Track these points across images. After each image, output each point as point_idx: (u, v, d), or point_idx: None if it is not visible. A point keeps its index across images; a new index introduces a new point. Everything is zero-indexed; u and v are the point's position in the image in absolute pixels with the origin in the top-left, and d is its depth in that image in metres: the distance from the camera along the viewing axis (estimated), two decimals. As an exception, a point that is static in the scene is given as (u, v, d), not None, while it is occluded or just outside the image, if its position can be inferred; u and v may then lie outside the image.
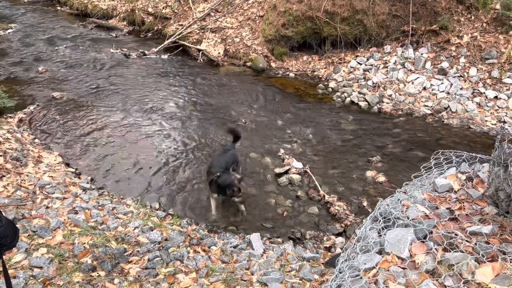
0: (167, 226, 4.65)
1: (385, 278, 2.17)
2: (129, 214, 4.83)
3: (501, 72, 8.54)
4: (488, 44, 8.99)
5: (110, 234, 4.17)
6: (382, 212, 2.76)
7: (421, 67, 9.26)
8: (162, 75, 10.53)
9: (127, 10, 15.60)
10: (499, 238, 2.37)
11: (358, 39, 10.50)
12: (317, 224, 5.24)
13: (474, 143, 7.10)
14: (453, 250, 2.27)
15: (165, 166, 6.40)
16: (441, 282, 2.09)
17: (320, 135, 7.50)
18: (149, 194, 5.73)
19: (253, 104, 8.85)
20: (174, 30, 13.07)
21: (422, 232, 2.46)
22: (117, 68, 10.87)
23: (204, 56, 11.70)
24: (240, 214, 5.37)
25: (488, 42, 9.03)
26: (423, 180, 3.24)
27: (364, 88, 9.15)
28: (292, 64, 11.19)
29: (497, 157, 2.61)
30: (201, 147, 7.01)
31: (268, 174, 6.30)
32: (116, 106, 8.52)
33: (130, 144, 7.02)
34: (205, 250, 4.23)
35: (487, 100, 8.23)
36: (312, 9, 10.54)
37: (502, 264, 2.12)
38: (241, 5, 12.94)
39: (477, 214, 2.65)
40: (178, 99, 9.06)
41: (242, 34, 11.99)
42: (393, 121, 8.07)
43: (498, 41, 8.97)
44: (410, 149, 7.00)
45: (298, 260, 4.16)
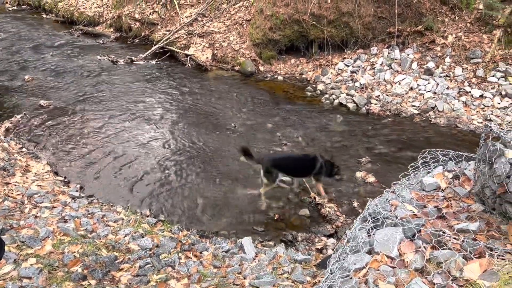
0: (158, 233, 4.63)
1: (375, 278, 2.19)
2: (120, 222, 4.80)
3: (485, 71, 8.67)
4: (473, 43, 9.13)
5: (100, 242, 4.14)
6: (371, 212, 2.79)
7: (407, 67, 9.36)
8: (150, 81, 10.49)
9: (113, 16, 15.53)
10: (486, 235, 2.41)
11: (345, 41, 10.58)
12: (308, 226, 5.25)
13: (461, 142, 7.19)
14: (441, 248, 2.30)
15: (155, 172, 6.37)
16: (430, 280, 2.12)
17: (309, 137, 7.53)
18: (139, 200, 5.69)
19: (242, 108, 8.87)
20: (161, 35, 13.05)
21: (411, 231, 2.48)
22: (104, 75, 10.81)
23: (192, 61, 11.69)
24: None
25: (472, 42, 9.16)
26: (411, 179, 3.28)
27: (352, 90, 9.22)
28: (280, 67, 11.23)
29: (482, 154, 2.65)
30: (191, 153, 6.99)
31: (259, 178, 6.29)
32: (104, 113, 8.46)
33: (119, 151, 6.98)
34: (196, 255, 4.22)
35: (473, 99, 8.34)
36: (299, 12, 10.61)
37: (489, 260, 2.15)
38: (228, 9, 12.98)
39: (464, 212, 2.69)
40: (166, 105, 9.04)
41: (229, 38, 12.01)
42: (381, 121, 8.15)
43: (482, 40, 9.11)
44: (399, 149, 7.07)
45: (290, 262, 4.17)
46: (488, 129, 2.66)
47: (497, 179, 2.39)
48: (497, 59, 8.78)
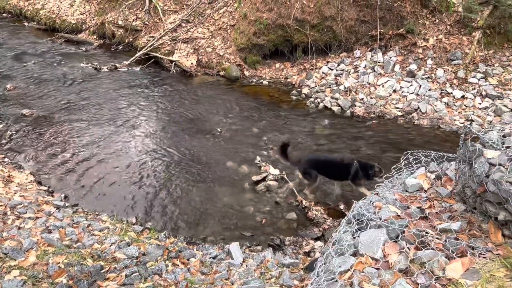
0: (144, 241, 4.59)
1: (360, 280, 2.21)
2: (105, 230, 4.74)
3: (466, 72, 8.84)
4: (453, 45, 9.30)
5: (86, 251, 4.09)
6: (355, 215, 2.81)
7: (390, 70, 9.48)
8: (135, 87, 10.43)
9: (96, 23, 15.41)
10: (467, 234, 2.45)
11: (329, 45, 10.69)
12: (295, 230, 5.27)
13: (444, 142, 7.30)
14: (425, 248, 2.33)
15: (141, 180, 6.33)
16: (414, 280, 2.15)
17: (295, 141, 7.56)
18: (125, 208, 5.64)
19: (228, 113, 8.87)
20: (145, 42, 12.99)
21: (394, 232, 2.51)
22: (88, 83, 10.71)
23: (177, 67, 11.66)
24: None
25: (453, 44, 9.34)
26: (394, 181, 3.32)
27: (336, 93, 9.30)
28: (266, 72, 11.28)
29: (462, 155, 2.70)
30: (176, 159, 6.96)
31: (246, 182, 6.31)
32: (88, 121, 8.38)
33: (104, 159, 6.92)
34: (184, 262, 4.19)
35: (455, 99, 8.49)
36: (282, 17, 10.67)
37: (471, 259, 2.19)
38: (212, 15, 12.99)
39: (447, 212, 2.73)
40: (151, 111, 8.99)
41: (214, 43, 12.02)
42: (365, 124, 8.23)
43: (462, 42, 9.29)
44: (383, 150, 7.14)
45: (278, 267, 4.17)
46: (467, 129, 2.72)
47: (477, 179, 2.43)
48: (477, 61, 8.96)
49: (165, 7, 14.03)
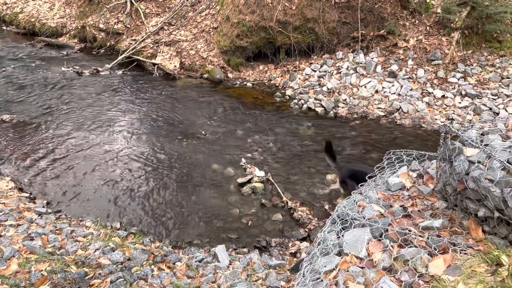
0: (129, 246, 4.54)
1: (345, 279, 2.23)
2: (89, 236, 4.68)
3: (446, 72, 9.01)
4: (433, 46, 9.47)
5: (69, 258, 4.03)
6: (339, 214, 2.84)
7: (372, 71, 9.60)
8: (118, 91, 10.33)
9: (77, 27, 15.20)
10: (449, 231, 2.50)
11: (311, 47, 10.75)
12: (281, 231, 5.28)
13: (426, 141, 7.42)
14: (408, 246, 2.37)
15: (124, 184, 6.26)
16: (397, 278, 2.18)
17: (280, 143, 7.59)
18: (109, 214, 5.58)
19: (212, 116, 8.85)
20: (127, 45, 12.87)
21: (378, 230, 2.55)
22: (69, 87, 10.56)
23: (160, 70, 11.59)
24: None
25: (433, 44, 9.51)
26: (377, 180, 3.36)
27: (319, 94, 9.37)
28: (249, 74, 11.29)
29: (442, 153, 2.75)
30: (160, 162, 6.91)
31: (231, 184, 6.30)
32: (70, 126, 8.26)
33: (87, 164, 6.82)
34: (170, 266, 4.16)
35: (436, 99, 8.64)
36: (265, 19, 10.71)
37: (453, 256, 2.24)
38: (194, 17, 12.96)
39: (429, 210, 2.78)
40: (134, 115, 8.91)
41: (197, 46, 11.99)
42: (349, 124, 8.31)
43: (442, 43, 9.47)
44: (367, 150, 7.22)
45: (264, 268, 4.18)
46: (447, 128, 2.77)
47: (457, 177, 2.48)
48: (456, 60, 9.14)
49: (147, 10, 13.93)
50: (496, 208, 2.19)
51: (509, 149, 2.29)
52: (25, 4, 17.41)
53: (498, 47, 9.19)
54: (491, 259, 2.12)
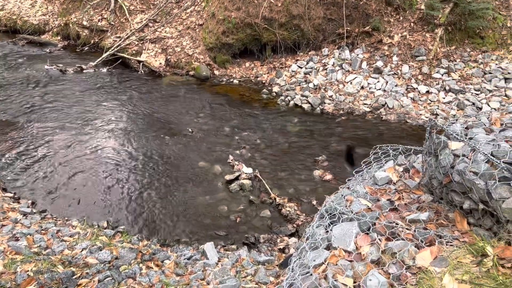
0: (116, 244, 4.50)
1: (334, 272, 2.25)
2: (76, 236, 4.62)
3: (430, 67, 9.13)
4: (417, 42, 9.58)
5: (56, 258, 3.97)
6: (328, 209, 2.86)
7: (357, 67, 9.67)
8: (102, 89, 10.20)
9: (60, 24, 14.97)
10: (435, 223, 2.54)
11: (297, 44, 10.78)
12: (270, 227, 5.30)
13: (411, 136, 7.51)
14: (395, 239, 2.39)
15: (111, 183, 6.20)
16: (386, 270, 2.20)
17: (267, 139, 7.60)
18: (96, 213, 5.52)
19: (199, 113, 8.81)
20: (111, 42, 12.73)
21: (366, 224, 2.57)
22: (53, 85, 10.40)
23: (145, 68, 11.49)
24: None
25: (417, 41, 9.61)
26: (364, 174, 3.39)
27: (306, 91, 9.40)
28: (236, 71, 11.27)
29: (428, 147, 2.79)
30: (147, 160, 6.86)
31: (219, 181, 6.29)
32: (54, 124, 8.13)
33: (72, 162, 6.74)
34: (158, 265, 4.14)
35: (420, 95, 8.75)
36: (251, 16, 10.69)
37: (439, 247, 2.27)
38: (179, 14, 12.86)
39: (415, 203, 2.81)
40: (120, 113, 8.82)
41: (182, 43, 11.91)
42: (335, 120, 8.36)
43: (425, 39, 9.58)
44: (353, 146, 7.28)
45: (253, 264, 4.19)
46: (432, 122, 2.81)
47: (442, 170, 2.52)
48: (440, 56, 9.26)
49: (131, 7, 13.79)
50: (480, 200, 2.23)
51: (492, 142, 2.33)
52: (6, 1, 17.07)
53: (481, 43, 9.34)
54: (476, 250, 2.15)
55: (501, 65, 8.78)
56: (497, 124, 2.64)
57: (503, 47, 9.21)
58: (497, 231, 2.19)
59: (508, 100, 8.05)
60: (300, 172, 6.52)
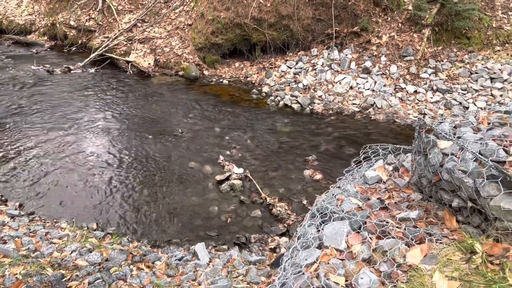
0: (106, 246, 4.46)
1: (326, 271, 2.26)
2: (65, 238, 4.57)
3: (418, 67, 9.23)
4: (405, 42, 9.68)
5: (45, 261, 3.93)
6: (319, 208, 2.88)
7: (346, 67, 9.73)
8: (91, 89, 10.11)
9: (47, 24, 14.79)
10: (425, 222, 2.57)
11: (287, 44, 10.82)
12: (261, 227, 5.30)
13: (400, 135, 7.59)
14: (386, 237, 2.42)
15: (100, 184, 6.15)
16: (377, 268, 2.22)
17: (257, 139, 7.61)
18: (85, 214, 5.46)
19: (188, 113, 8.78)
20: (100, 42, 12.62)
21: (357, 223, 2.59)
22: (40, 86, 10.27)
23: (134, 68, 11.41)
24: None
25: (405, 41, 9.71)
26: (355, 174, 3.42)
27: (295, 91, 9.43)
28: (225, 71, 11.26)
29: (417, 146, 2.83)
30: (137, 161, 6.82)
31: (209, 182, 6.28)
32: (42, 126, 8.04)
33: (60, 164, 6.66)
34: (149, 266, 4.12)
35: (408, 94, 8.84)
36: (240, 16, 10.69)
37: (429, 245, 2.30)
38: (168, 14, 12.81)
39: (405, 201, 2.85)
40: (108, 113, 8.75)
41: (171, 43, 11.86)
42: (325, 120, 8.41)
43: (413, 39, 9.68)
44: (342, 145, 7.33)
45: (244, 264, 4.19)
46: (421, 122, 2.84)
47: (431, 169, 2.55)
48: (427, 56, 9.37)
49: (120, 6, 13.69)
50: (469, 198, 2.26)
51: (480, 141, 2.37)
52: (-9, 0, 16.81)
53: (467, 43, 9.47)
54: (465, 247, 2.19)
55: (487, 65, 8.92)
56: (485, 123, 2.68)
57: (489, 47, 9.35)
58: (485, 229, 2.23)
59: (493, 100, 8.18)
60: (290, 172, 6.54)
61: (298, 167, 6.65)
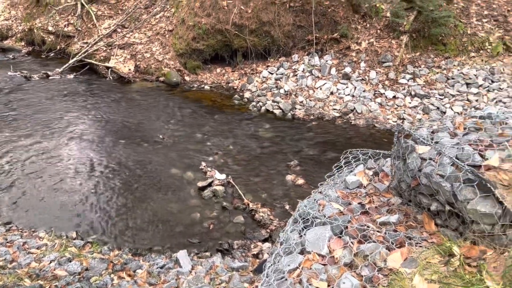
0: (86, 255, 4.39)
1: (308, 277, 2.27)
2: (43, 247, 4.48)
3: (396, 73, 9.40)
4: (383, 48, 9.85)
5: (22, 271, 3.84)
6: (301, 213, 2.89)
7: (327, 73, 9.84)
8: (69, 96, 9.95)
9: (24, 29, 14.54)
10: (405, 225, 2.61)
11: (268, 50, 10.88)
12: (243, 233, 5.29)
13: (379, 140, 7.70)
14: (367, 242, 2.45)
15: (79, 192, 6.04)
16: (358, 273, 2.25)
17: (240, 145, 7.61)
18: (64, 223, 5.35)
19: (169, 119, 8.73)
20: (78, 48, 12.45)
21: (338, 228, 2.62)
22: (17, 92, 10.06)
23: (114, 74, 11.29)
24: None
25: (383, 47, 9.89)
26: (336, 179, 3.46)
27: (277, 97, 9.49)
28: (207, 77, 11.24)
29: (396, 151, 2.87)
30: (117, 168, 6.73)
31: (191, 188, 6.24)
32: (18, 132, 7.86)
33: (38, 172, 6.52)
34: (130, 274, 4.07)
35: (387, 100, 8.99)
36: (221, 22, 10.71)
37: (409, 249, 2.34)
38: (148, 20, 12.74)
39: (385, 206, 2.89)
40: (88, 120, 8.62)
41: (152, 49, 11.79)
42: (306, 125, 8.47)
43: (392, 45, 9.86)
44: (324, 150, 7.39)
45: (227, 271, 4.17)
46: (400, 128, 2.90)
47: (410, 173, 2.60)
48: (405, 62, 9.56)
49: (99, 12, 13.55)
50: (447, 202, 2.31)
51: (457, 146, 2.42)
52: (-35, 5, 16.43)
53: (443, 49, 9.70)
54: (444, 250, 2.23)
55: (463, 70, 9.15)
56: (461, 128, 2.74)
57: (464, 53, 9.60)
58: (463, 231, 2.28)
59: (470, 104, 8.39)
60: (272, 177, 6.56)
61: (281, 172, 6.68)
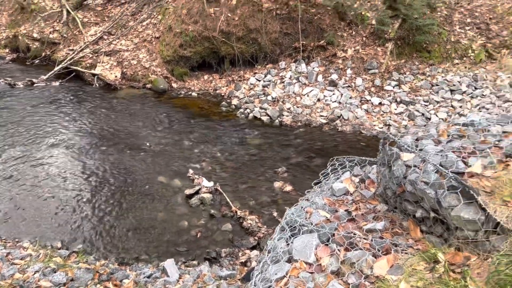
0: (72, 265, 4.32)
1: (296, 285, 2.27)
2: (27, 258, 4.40)
3: (382, 80, 9.51)
4: (369, 56, 9.97)
5: (5, 283, 3.76)
6: (288, 221, 2.89)
7: (314, 80, 9.91)
8: (55, 103, 9.84)
9: (8, 36, 14.36)
10: (391, 232, 2.63)
11: (255, 57, 10.92)
12: (231, 241, 5.27)
13: (366, 147, 7.77)
14: (354, 249, 2.46)
15: (65, 201, 5.96)
16: (345, 280, 2.25)
17: (227, 152, 7.60)
18: (48, 233, 5.27)
19: (157, 127, 8.68)
20: (64, 55, 12.33)
21: (325, 235, 2.62)
22: (1, 100, 9.91)
23: (100, 81, 11.21)
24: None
25: (369, 54, 10.01)
26: (323, 186, 3.47)
27: (265, 103, 9.52)
28: (194, 84, 11.23)
29: (382, 159, 2.90)
30: (103, 177, 6.66)
31: (178, 196, 6.21)
32: (2, 141, 7.74)
33: (22, 180, 6.42)
34: (116, 284, 4.01)
35: (373, 106, 9.08)
36: (208, 29, 10.73)
37: (395, 256, 2.35)
38: (135, 27, 12.69)
39: (371, 213, 2.91)
40: (74, 127, 8.52)
41: (139, 56, 11.74)
42: (293, 132, 8.51)
43: (377, 53, 9.99)
44: (311, 157, 7.43)
45: (215, 280, 4.15)
46: (385, 135, 2.93)
47: (396, 180, 2.62)
48: (391, 69, 9.68)
49: (85, 19, 13.46)
50: (431, 209, 2.34)
51: (440, 153, 2.46)
52: None
53: (428, 57, 9.86)
54: (429, 256, 2.25)
55: (447, 77, 9.30)
56: (444, 136, 2.79)
57: (448, 60, 9.77)
58: (447, 238, 2.30)
59: (454, 111, 8.52)
60: (260, 184, 6.56)
61: (268, 179, 6.68)
